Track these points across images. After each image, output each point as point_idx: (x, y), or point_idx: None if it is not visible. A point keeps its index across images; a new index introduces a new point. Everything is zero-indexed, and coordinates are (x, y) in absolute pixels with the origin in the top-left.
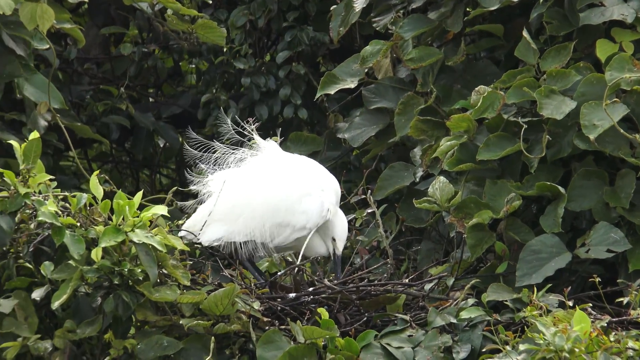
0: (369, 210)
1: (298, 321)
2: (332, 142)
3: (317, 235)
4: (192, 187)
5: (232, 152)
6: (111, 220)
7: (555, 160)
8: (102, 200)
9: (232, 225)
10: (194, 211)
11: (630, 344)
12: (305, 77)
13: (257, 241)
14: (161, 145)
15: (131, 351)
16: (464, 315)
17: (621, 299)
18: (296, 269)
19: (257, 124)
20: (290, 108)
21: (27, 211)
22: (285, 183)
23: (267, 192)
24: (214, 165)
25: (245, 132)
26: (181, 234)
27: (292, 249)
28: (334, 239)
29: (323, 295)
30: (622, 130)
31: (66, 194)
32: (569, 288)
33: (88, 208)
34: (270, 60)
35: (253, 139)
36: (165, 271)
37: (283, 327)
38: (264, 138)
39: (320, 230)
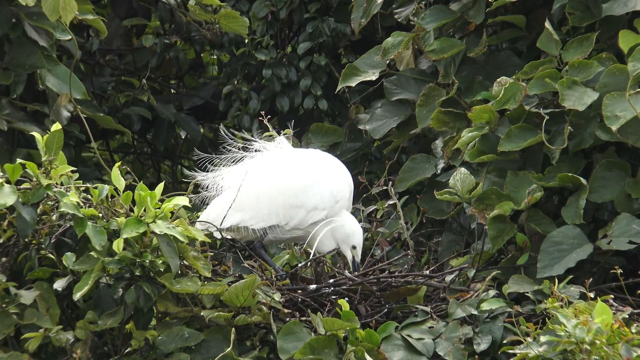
0: (390, 202)
1: (319, 312)
2: (353, 133)
3: (330, 236)
4: (198, 180)
5: (243, 153)
6: (133, 211)
7: (577, 151)
8: (123, 192)
9: (246, 211)
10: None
11: None
12: (327, 68)
13: (273, 223)
14: (182, 137)
15: (152, 342)
16: (485, 306)
17: None
18: (317, 260)
19: (268, 117)
20: (310, 99)
21: (49, 203)
22: (298, 168)
23: (280, 177)
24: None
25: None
26: (199, 225)
27: (304, 238)
28: (354, 247)
29: (344, 287)
30: None
31: (88, 185)
32: (591, 279)
33: (110, 199)
34: (291, 52)
35: (267, 136)
36: (186, 262)
37: (304, 318)
38: (285, 128)
39: (337, 235)
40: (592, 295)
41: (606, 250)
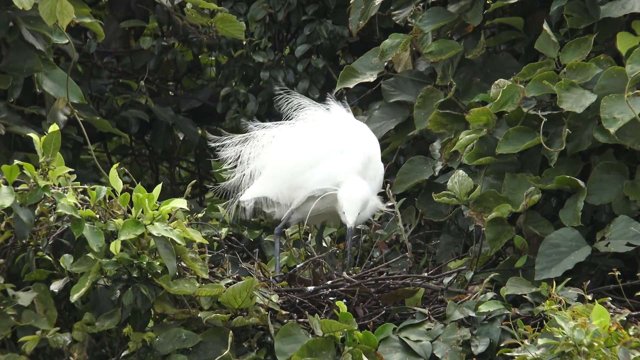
0: (388, 204)
1: (316, 314)
2: None
3: (328, 203)
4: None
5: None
6: (130, 213)
7: (575, 153)
8: (121, 193)
9: (265, 186)
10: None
11: None
12: (324, 70)
13: (281, 203)
14: (180, 139)
15: (150, 344)
16: (483, 309)
17: None
18: (315, 262)
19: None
20: None
21: (47, 204)
22: (302, 146)
23: (285, 155)
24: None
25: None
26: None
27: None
28: (343, 212)
29: (342, 289)
30: None
31: (85, 186)
32: (588, 282)
33: (107, 201)
34: (289, 54)
35: None
36: (184, 264)
37: (301, 320)
38: None
39: (335, 203)
40: (590, 297)
41: (604, 253)
